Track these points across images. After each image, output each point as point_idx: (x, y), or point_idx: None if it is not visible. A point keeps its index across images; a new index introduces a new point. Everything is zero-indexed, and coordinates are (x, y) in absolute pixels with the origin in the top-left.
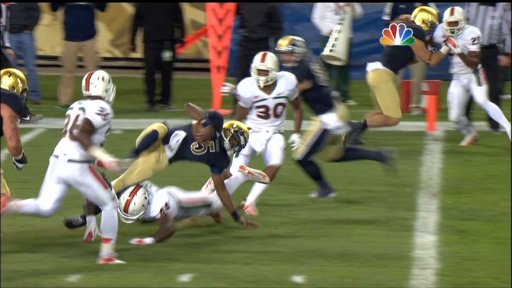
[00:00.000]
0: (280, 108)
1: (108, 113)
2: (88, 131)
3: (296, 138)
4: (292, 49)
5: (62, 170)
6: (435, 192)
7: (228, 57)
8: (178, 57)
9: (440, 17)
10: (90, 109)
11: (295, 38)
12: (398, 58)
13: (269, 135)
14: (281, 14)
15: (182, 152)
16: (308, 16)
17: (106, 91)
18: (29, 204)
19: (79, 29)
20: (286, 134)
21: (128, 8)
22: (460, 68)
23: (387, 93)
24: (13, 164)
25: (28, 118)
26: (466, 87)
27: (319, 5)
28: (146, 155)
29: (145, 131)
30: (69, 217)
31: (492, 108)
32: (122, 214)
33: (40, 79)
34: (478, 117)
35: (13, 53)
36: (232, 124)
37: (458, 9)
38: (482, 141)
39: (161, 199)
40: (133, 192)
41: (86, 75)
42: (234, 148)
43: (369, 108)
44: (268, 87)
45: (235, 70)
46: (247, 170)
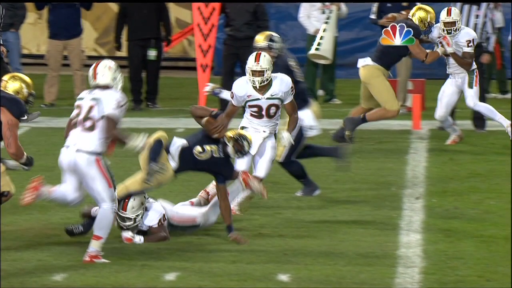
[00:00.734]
0: (273, 109)
1: (124, 103)
2: (114, 126)
3: (285, 135)
4: (270, 44)
5: (71, 160)
6: (418, 196)
7: (213, 56)
8: (164, 56)
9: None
10: (107, 106)
11: (272, 33)
12: (390, 54)
13: (265, 135)
14: (267, 13)
15: (185, 159)
16: (294, 15)
17: (114, 80)
18: (58, 191)
19: (64, 27)
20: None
21: (114, 6)
22: (455, 68)
23: (380, 87)
24: (21, 166)
25: (25, 118)
26: (460, 87)
27: (305, 4)
28: None
29: (147, 147)
30: (70, 225)
31: (484, 108)
32: (120, 214)
33: None
34: (462, 115)
35: (5, 51)
36: (235, 131)
37: (455, 9)
38: (467, 140)
39: (158, 210)
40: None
41: (93, 65)
42: (237, 154)
43: (355, 106)
44: (263, 87)
45: (220, 69)
46: (249, 180)
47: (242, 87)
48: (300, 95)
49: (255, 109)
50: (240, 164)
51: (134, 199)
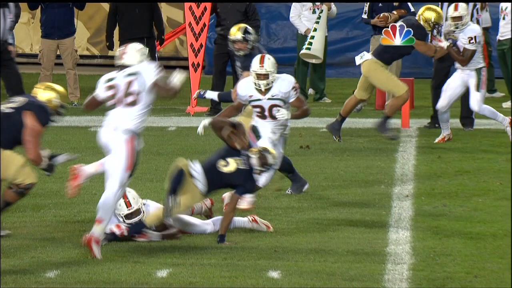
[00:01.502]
0: (275, 110)
1: (160, 66)
2: (167, 85)
3: (285, 112)
4: (245, 36)
5: (108, 138)
6: (407, 193)
7: (204, 55)
8: (156, 55)
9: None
10: (149, 75)
11: (247, 26)
12: (390, 53)
13: (275, 137)
14: (258, 13)
15: (212, 178)
16: (284, 15)
17: (140, 62)
18: (102, 166)
19: (57, 27)
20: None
21: (106, 6)
22: None
23: (381, 78)
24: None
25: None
26: (466, 82)
27: (296, 4)
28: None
29: (168, 177)
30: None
31: (488, 111)
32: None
33: None
34: (451, 114)
35: (14, 50)
36: (258, 146)
37: (462, 4)
38: (455, 138)
39: (158, 205)
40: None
41: (122, 47)
42: (262, 167)
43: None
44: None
45: (211, 68)
46: (256, 218)
47: (244, 87)
48: None
49: (258, 109)
50: (262, 178)
51: (128, 192)
